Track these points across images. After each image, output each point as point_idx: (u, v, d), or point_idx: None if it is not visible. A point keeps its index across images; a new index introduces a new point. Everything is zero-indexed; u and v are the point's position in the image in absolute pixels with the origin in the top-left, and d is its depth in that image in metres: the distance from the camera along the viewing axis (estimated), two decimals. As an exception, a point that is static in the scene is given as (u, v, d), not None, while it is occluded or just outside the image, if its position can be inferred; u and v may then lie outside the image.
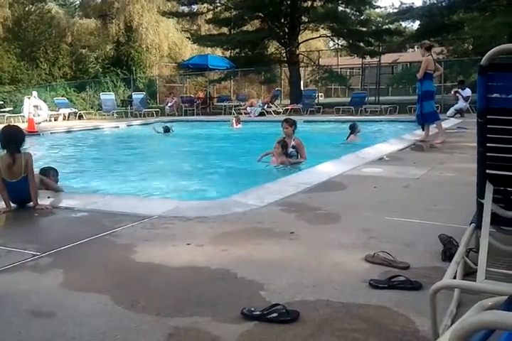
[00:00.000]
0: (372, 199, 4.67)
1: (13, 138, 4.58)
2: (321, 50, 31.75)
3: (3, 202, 4.49)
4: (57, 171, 5.73)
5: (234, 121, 14.93)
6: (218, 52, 29.31)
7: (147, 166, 8.36)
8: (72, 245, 3.41)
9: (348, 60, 30.51)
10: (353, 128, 10.32)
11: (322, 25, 25.24)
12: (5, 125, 4.92)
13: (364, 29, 24.74)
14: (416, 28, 25.96)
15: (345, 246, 3.30)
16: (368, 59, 24.37)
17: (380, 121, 15.52)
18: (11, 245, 3.44)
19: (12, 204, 4.52)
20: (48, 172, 5.49)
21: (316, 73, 26.18)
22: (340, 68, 29.28)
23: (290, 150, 7.37)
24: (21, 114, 18.46)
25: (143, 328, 2.24)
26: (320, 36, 28.14)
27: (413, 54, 34.10)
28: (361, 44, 24.54)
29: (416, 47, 21.30)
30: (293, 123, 7.41)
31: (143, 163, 8.77)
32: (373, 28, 25.50)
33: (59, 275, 2.89)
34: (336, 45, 31.25)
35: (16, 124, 5.39)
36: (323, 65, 26.88)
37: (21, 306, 2.50)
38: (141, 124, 17.85)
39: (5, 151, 4.53)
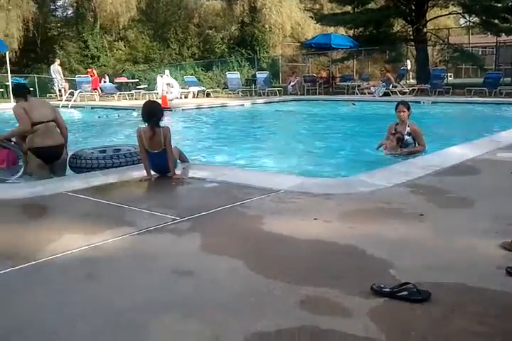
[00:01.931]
0: (508, 185, 4.40)
1: (155, 112, 4.92)
2: (451, 28, 29.87)
3: (145, 171, 4.87)
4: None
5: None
6: (341, 31, 28.72)
7: (270, 142, 8.57)
8: (207, 213, 3.63)
9: (481, 38, 28.38)
10: None
11: (452, 2, 23.66)
12: (146, 100, 5.28)
13: (499, 5, 22.78)
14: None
15: (478, 231, 3.16)
16: (503, 37, 22.50)
17: (517, 103, 14.37)
18: (153, 209, 3.74)
19: (152, 173, 4.89)
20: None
21: (446, 52, 24.72)
22: (472, 47, 27.36)
23: (406, 138, 6.49)
24: (155, 91, 19.63)
25: (275, 293, 2.35)
26: (450, 13, 26.40)
27: (554, 31, 30.95)
28: (496, 21, 22.64)
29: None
30: (409, 107, 6.58)
31: (266, 139, 8.99)
32: (509, 3, 23.38)
33: (196, 239, 3.11)
34: (468, 23, 29.19)
35: (154, 100, 5.77)
36: (453, 43, 25.30)
37: (164, 264, 2.73)
38: (264, 103, 18.19)
39: (146, 124, 4.88)
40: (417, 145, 6.49)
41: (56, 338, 2.00)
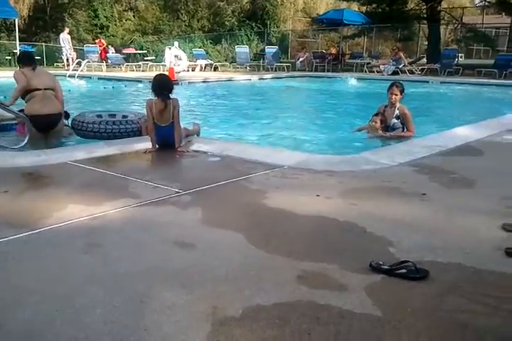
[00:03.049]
0: (513, 167, 4.38)
1: (166, 85, 4.91)
2: (466, 7, 29.31)
3: (150, 143, 4.87)
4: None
5: None
6: (354, 7, 28.22)
7: (274, 118, 8.52)
8: (210, 186, 3.65)
9: (495, 18, 27.88)
10: None
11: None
12: (157, 74, 5.26)
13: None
14: None
15: (481, 212, 3.17)
16: (517, 18, 22.10)
17: (528, 86, 14.19)
18: (157, 182, 3.75)
19: (157, 146, 4.89)
20: None
21: (459, 32, 24.32)
22: (485, 27, 26.87)
23: (393, 121, 6.13)
24: (162, 63, 19.48)
25: (275, 267, 2.37)
26: (466, -8, 25.92)
27: None
28: (511, 1, 22.18)
29: None
30: (403, 89, 6.17)
31: (271, 115, 8.95)
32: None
33: (198, 211, 3.13)
34: (483, 2, 28.60)
35: (165, 74, 5.73)
36: (466, 23, 24.85)
37: (166, 236, 2.75)
38: (272, 78, 18.04)
39: (157, 98, 4.86)
40: (405, 130, 6.16)
41: (57, 307, 2.02)
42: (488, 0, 26.41)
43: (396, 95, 6.06)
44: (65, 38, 20.34)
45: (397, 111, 6.11)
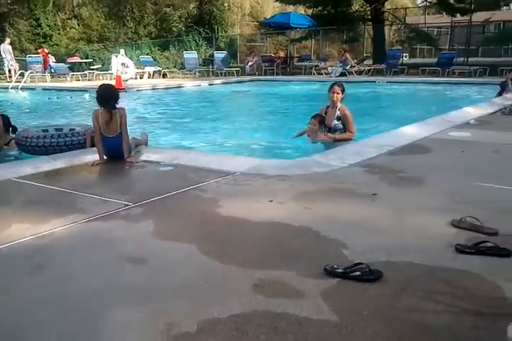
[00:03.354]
0: (459, 163, 4.51)
1: (110, 95, 4.80)
2: (408, 8, 30.18)
3: (97, 154, 4.75)
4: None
5: None
6: (301, 10, 28.58)
7: (226, 124, 8.51)
8: (161, 197, 3.57)
9: (436, 18, 28.80)
10: (504, 86, 9.99)
11: (411, -19, 23.89)
12: (101, 84, 5.14)
13: (455, -16, 23.13)
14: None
15: (430, 209, 3.23)
16: (457, 17, 22.88)
17: (469, 83, 14.72)
18: (106, 195, 3.65)
19: (104, 157, 4.77)
20: None
21: (403, 32, 25.00)
22: (428, 27, 27.72)
23: (335, 122, 5.95)
24: (109, 72, 19.13)
25: (229, 278, 2.34)
26: (408, -8, 26.69)
27: (508, 12, 31.65)
28: (451, 1, 22.99)
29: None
30: (344, 89, 6.00)
31: (222, 121, 8.93)
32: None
33: (149, 224, 3.06)
34: (424, 3, 29.52)
35: (109, 83, 5.60)
36: (409, 23, 25.57)
37: (116, 251, 2.67)
38: (222, 83, 18.01)
39: (102, 108, 4.74)
40: (346, 131, 5.98)
41: (1, 332, 1.92)
42: (429, 0, 27.31)
43: (338, 94, 5.92)
44: (5, 48, 19.69)
45: (338, 112, 5.97)
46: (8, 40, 20.39)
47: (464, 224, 2.89)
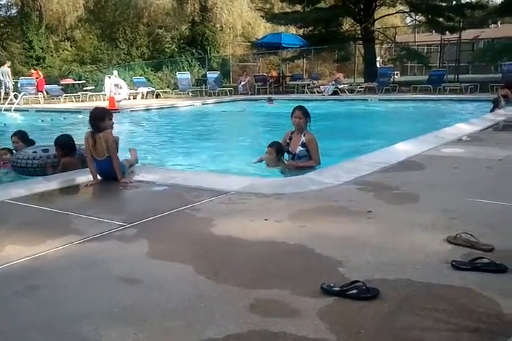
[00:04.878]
0: (452, 180, 4.52)
1: (92, 117, 4.77)
2: (398, 27, 30.63)
3: (91, 175, 4.74)
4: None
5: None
6: (292, 30, 28.98)
7: (220, 143, 8.54)
8: (155, 217, 3.56)
9: (426, 36, 29.28)
10: (497, 102, 10.12)
11: (399, 1, 24.29)
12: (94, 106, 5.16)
13: (444, 3, 23.55)
14: (500, 2, 24.35)
15: (425, 226, 3.23)
16: (447, 35, 23.28)
17: (460, 100, 14.88)
18: (99, 215, 3.63)
19: (99, 177, 4.76)
20: None
21: (394, 51, 25.35)
22: (418, 45, 28.15)
23: (299, 149, 5.60)
24: (102, 93, 19.23)
25: (225, 298, 2.32)
26: (397, 12, 27.16)
27: (496, 30, 32.23)
28: (441, 19, 23.39)
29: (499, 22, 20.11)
30: (307, 113, 5.65)
31: (216, 141, 8.97)
32: (454, 2, 24.21)
33: (144, 245, 3.04)
34: (414, 21, 30.03)
35: (99, 106, 5.57)
36: (399, 41, 25.97)
37: (111, 272, 2.65)
38: (215, 103, 18.11)
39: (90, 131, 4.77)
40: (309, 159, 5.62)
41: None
42: (419, 19, 27.76)
43: (300, 118, 5.59)
44: (5, 71, 19.81)
45: (303, 138, 5.62)
46: (8, 63, 20.55)
47: (459, 240, 2.89)
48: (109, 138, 4.70)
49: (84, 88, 21.78)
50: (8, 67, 20.30)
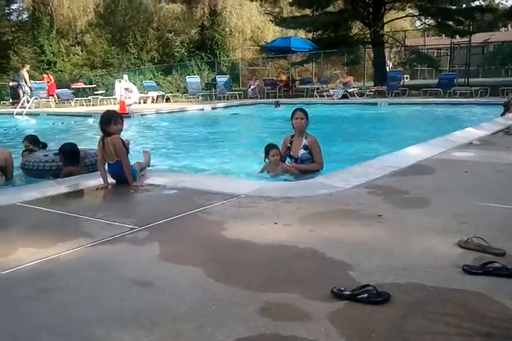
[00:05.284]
0: (463, 183, 4.50)
1: (100, 121, 4.83)
2: (407, 30, 30.59)
3: (101, 179, 4.78)
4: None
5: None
6: (301, 34, 29.01)
7: (230, 147, 8.55)
8: (166, 220, 3.58)
9: (436, 40, 29.19)
10: (508, 106, 10.09)
11: (409, 4, 24.23)
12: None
13: (453, 7, 23.47)
14: (510, 5, 24.30)
15: (435, 230, 3.22)
16: (457, 39, 23.19)
17: (471, 103, 14.81)
18: (111, 218, 3.65)
19: (110, 181, 4.80)
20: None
21: (403, 54, 25.29)
22: (427, 49, 28.08)
23: (301, 152, 5.50)
24: (113, 97, 19.34)
25: (236, 301, 2.32)
26: (406, 15, 27.02)
27: (506, 33, 32.09)
28: (450, 23, 23.29)
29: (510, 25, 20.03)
30: (307, 115, 5.54)
31: (226, 144, 8.98)
32: (463, 5, 24.11)
33: (155, 247, 3.06)
34: (423, 25, 29.95)
35: (110, 109, 5.58)
36: (409, 45, 25.90)
37: (123, 275, 2.66)
38: (225, 107, 18.16)
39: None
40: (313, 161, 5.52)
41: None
42: (428, 23, 27.68)
43: (302, 119, 5.48)
44: (21, 74, 19.96)
45: (305, 141, 5.51)
46: (27, 67, 20.64)
47: (470, 244, 2.88)
48: (116, 142, 4.74)
49: (95, 92, 21.94)
50: (27, 70, 20.34)
